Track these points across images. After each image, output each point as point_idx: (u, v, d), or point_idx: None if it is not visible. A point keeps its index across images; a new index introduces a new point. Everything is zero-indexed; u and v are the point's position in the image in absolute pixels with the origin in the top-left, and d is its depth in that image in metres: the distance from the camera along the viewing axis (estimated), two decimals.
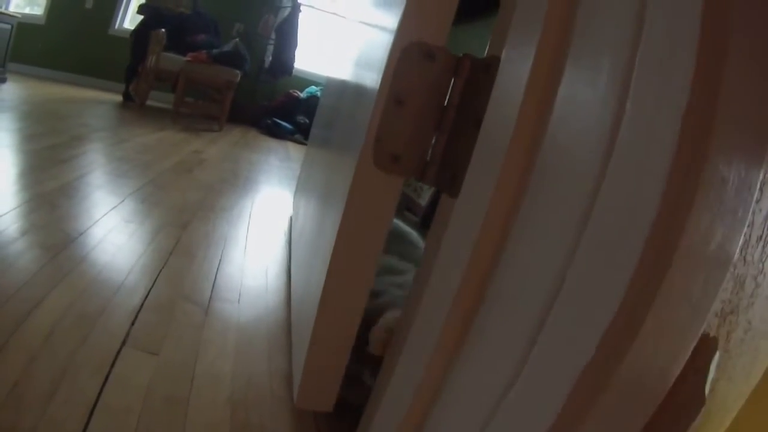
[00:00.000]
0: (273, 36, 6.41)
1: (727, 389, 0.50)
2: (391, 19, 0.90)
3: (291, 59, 6.34)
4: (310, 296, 1.08)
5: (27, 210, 1.77)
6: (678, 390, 0.43)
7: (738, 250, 0.41)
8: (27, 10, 6.70)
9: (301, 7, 6.35)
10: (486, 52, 0.77)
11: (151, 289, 1.42)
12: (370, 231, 0.91)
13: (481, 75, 0.76)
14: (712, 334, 0.45)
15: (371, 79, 0.95)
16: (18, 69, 6.02)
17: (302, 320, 1.13)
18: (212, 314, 1.38)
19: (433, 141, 0.85)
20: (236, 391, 1.08)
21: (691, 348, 0.42)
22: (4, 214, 1.68)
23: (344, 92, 1.45)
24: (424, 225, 2.54)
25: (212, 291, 1.51)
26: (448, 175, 0.79)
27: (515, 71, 0.63)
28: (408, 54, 0.82)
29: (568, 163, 0.52)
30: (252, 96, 6.46)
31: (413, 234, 1.56)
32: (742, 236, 0.41)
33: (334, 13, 6.58)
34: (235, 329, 1.34)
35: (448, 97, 0.84)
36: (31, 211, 1.77)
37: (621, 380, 0.41)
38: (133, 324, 1.22)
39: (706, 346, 0.44)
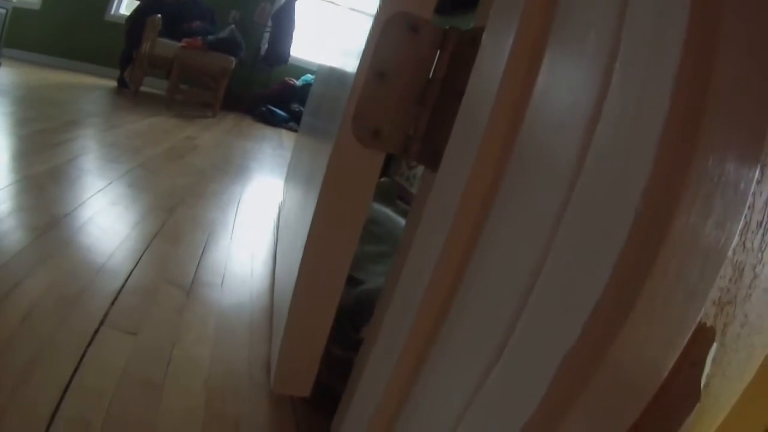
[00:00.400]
0: (269, 24, 6.37)
1: (721, 386, 0.47)
2: None
3: (287, 47, 6.31)
4: (289, 279, 1.06)
5: (14, 191, 1.75)
6: (672, 383, 0.41)
7: (738, 233, 0.39)
8: None
9: None
10: (473, 24, 0.75)
11: (132, 271, 1.40)
12: (349, 208, 0.89)
13: (467, 48, 0.74)
14: (708, 323, 0.43)
15: (354, 53, 0.92)
16: (12, 54, 5.97)
17: (282, 305, 1.11)
18: (194, 298, 1.36)
19: (417, 116, 0.83)
20: (213, 377, 1.07)
21: (687, 337, 0.40)
22: None
23: (332, 77, 1.43)
24: None
25: (195, 275, 1.50)
26: (431, 151, 0.77)
27: (498, 43, 0.61)
28: (391, 25, 0.80)
29: (552, 138, 0.50)
30: (247, 84, 6.43)
31: (400, 221, 1.55)
32: (743, 218, 0.38)
33: (330, 1, 6.54)
34: (217, 314, 1.32)
35: (432, 71, 0.82)
36: (18, 192, 1.75)
37: (608, 369, 0.39)
38: (112, 305, 1.20)
39: (702, 337, 0.42)
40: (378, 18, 0.80)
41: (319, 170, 0.98)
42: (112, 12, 6.67)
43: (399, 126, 0.83)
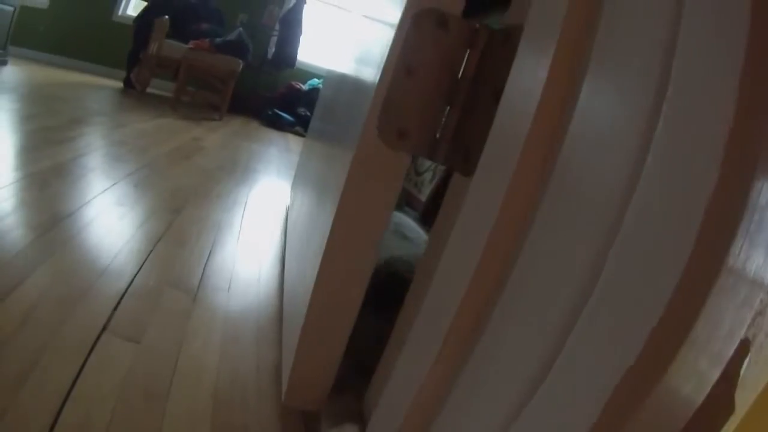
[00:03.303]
0: (277, 27, 6.35)
1: (738, 395, 0.45)
2: None
3: (294, 51, 6.29)
4: (302, 286, 1.02)
5: (17, 189, 1.71)
6: (708, 396, 0.39)
7: None
8: None
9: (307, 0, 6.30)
10: (504, 21, 0.71)
11: (137, 274, 1.36)
12: (372, 212, 0.84)
13: (499, 46, 0.70)
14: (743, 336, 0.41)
15: (379, 49, 0.88)
16: (19, 53, 5.96)
17: (294, 312, 1.07)
18: (200, 303, 1.31)
19: (445, 116, 0.79)
20: (220, 387, 1.02)
21: (732, 352, 0.38)
22: None
23: (345, 83, 1.40)
24: (424, 221, 2.49)
25: (201, 279, 1.45)
26: (461, 153, 0.73)
27: (541, 39, 0.57)
28: (420, 21, 0.75)
29: (600, 148, 0.46)
30: (254, 87, 6.41)
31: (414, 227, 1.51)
32: None
33: (339, 6, 6.52)
34: (223, 320, 1.27)
35: (462, 69, 0.78)
36: (21, 189, 1.72)
37: (663, 388, 0.36)
38: (115, 309, 1.16)
39: (738, 351, 0.40)
40: (406, 13, 0.76)
41: (337, 173, 0.94)
42: (120, 12, 6.66)
43: (426, 126, 0.79)
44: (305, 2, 6.26)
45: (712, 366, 0.38)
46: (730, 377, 0.40)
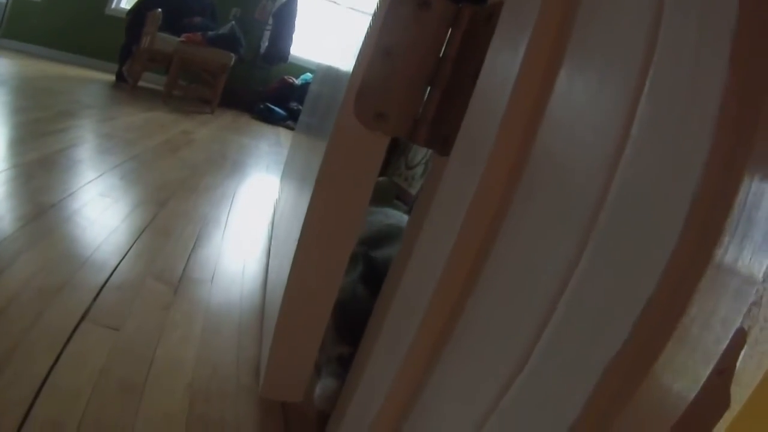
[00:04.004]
0: (270, 22, 6.34)
1: (733, 391, 0.44)
2: None
3: (287, 46, 6.28)
4: (282, 277, 1.00)
5: (3, 179, 1.70)
6: (702, 390, 0.38)
7: None
8: None
9: None
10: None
11: (119, 265, 1.34)
12: (349, 197, 0.83)
13: (481, 26, 0.68)
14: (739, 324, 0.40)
15: (360, 33, 0.86)
16: (11, 45, 5.94)
17: (274, 305, 1.06)
18: (181, 295, 1.30)
19: (426, 97, 0.77)
20: (198, 379, 1.00)
21: (725, 345, 0.37)
22: None
23: (329, 75, 1.39)
24: None
25: (184, 271, 1.43)
26: (442, 135, 0.71)
27: (519, 17, 0.56)
28: (400, 1, 0.74)
29: (579, 133, 0.45)
30: (247, 81, 6.39)
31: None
32: None
33: (332, 1, 6.50)
34: (204, 313, 1.26)
35: (444, 50, 0.76)
36: (6, 180, 1.70)
37: (650, 384, 0.36)
38: (94, 300, 1.14)
39: (734, 341, 0.39)
40: None
41: (316, 159, 0.92)
42: (113, 6, 6.63)
43: (406, 108, 0.77)
44: None
45: (704, 360, 0.37)
46: (725, 370, 0.39)
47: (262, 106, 5.92)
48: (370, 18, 0.77)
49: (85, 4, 6.51)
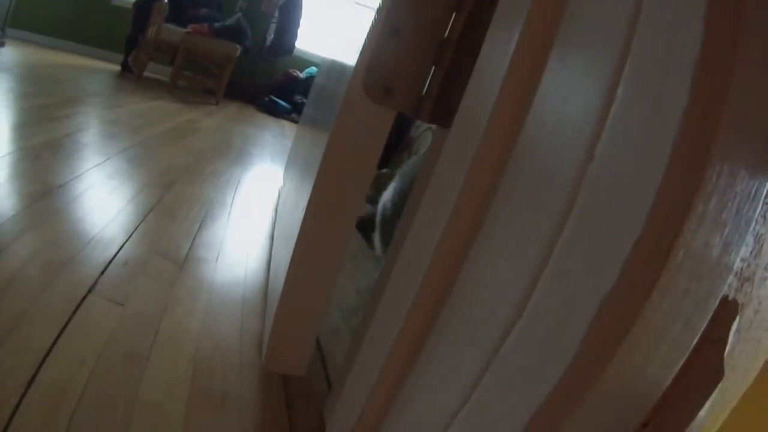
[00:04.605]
0: (276, 15, 6.34)
1: (729, 379, 0.44)
2: None
3: (293, 39, 6.28)
4: (286, 252, 1.03)
5: (10, 161, 1.72)
6: (694, 360, 0.40)
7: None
8: None
9: None
10: None
11: (125, 243, 1.36)
12: (355, 169, 0.85)
13: (486, 7, 0.71)
14: (731, 297, 0.41)
15: (368, 16, 0.89)
16: (18, 35, 5.93)
17: (278, 281, 1.08)
18: (186, 272, 1.32)
19: (430, 76, 0.80)
20: (201, 351, 1.03)
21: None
22: None
23: (334, 69, 1.41)
24: None
25: (189, 250, 1.46)
26: (445, 111, 0.74)
27: (514, 6, 0.58)
28: None
29: (561, 121, 0.47)
30: (252, 73, 6.39)
31: None
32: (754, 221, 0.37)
33: None
34: (209, 289, 1.28)
35: (448, 31, 0.79)
36: (14, 162, 1.72)
37: (613, 373, 0.37)
38: (102, 274, 1.17)
39: (725, 312, 0.40)
40: None
41: (322, 139, 0.94)
42: None
43: (412, 85, 0.80)
44: None
45: (689, 330, 0.38)
46: (718, 341, 0.40)
47: (266, 99, 5.93)
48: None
49: None
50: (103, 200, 1.64)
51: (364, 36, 0.82)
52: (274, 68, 6.49)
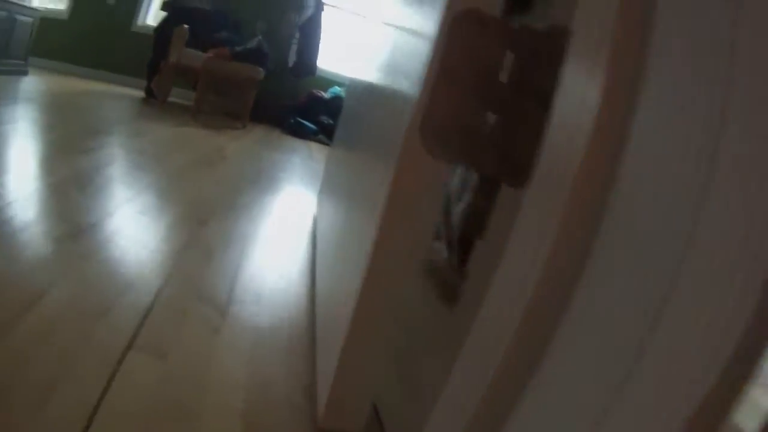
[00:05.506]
0: (296, 35, 6.32)
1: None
2: None
3: (314, 58, 6.27)
4: (339, 301, 0.99)
5: (38, 199, 1.69)
6: None
7: None
8: (50, 5, 6.65)
9: (324, 7, 6.26)
10: (547, 21, 0.68)
11: (163, 287, 1.31)
12: (416, 224, 0.81)
13: (542, 48, 0.66)
14: None
15: (412, 56, 0.85)
16: (40, 63, 5.98)
17: (329, 327, 1.03)
18: (228, 317, 1.27)
19: (486, 121, 0.74)
20: (251, 403, 0.98)
21: None
22: (14, 201, 1.60)
23: (372, 93, 1.38)
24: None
25: (230, 292, 1.40)
26: (509, 163, 0.68)
27: (591, 45, 0.52)
28: (458, 24, 0.71)
29: (660, 172, 0.41)
30: (275, 95, 6.37)
31: None
32: None
33: (358, 14, 6.48)
34: (253, 334, 1.23)
35: (503, 73, 0.72)
36: (42, 200, 1.69)
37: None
38: (141, 325, 1.11)
39: None
40: (444, 17, 0.75)
41: (374, 184, 0.91)
42: (140, 22, 6.66)
43: (468, 134, 0.75)
44: (323, 10, 6.23)
45: None
46: None
47: (292, 121, 5.92)
48: (429, 41, 0.77)
49: (111, 21, 6.56)
50: (136, 239, 1.59)
51: (409, 80, 0.77)
52: (297, 89, 6.47)
